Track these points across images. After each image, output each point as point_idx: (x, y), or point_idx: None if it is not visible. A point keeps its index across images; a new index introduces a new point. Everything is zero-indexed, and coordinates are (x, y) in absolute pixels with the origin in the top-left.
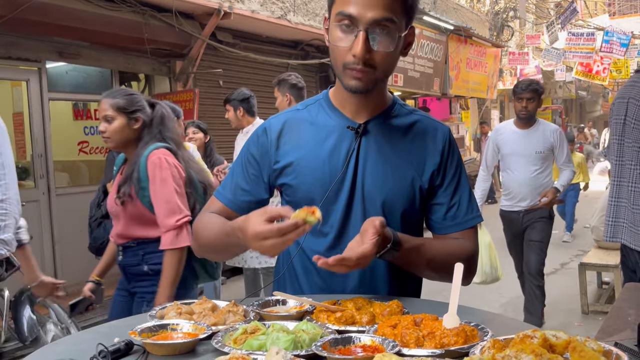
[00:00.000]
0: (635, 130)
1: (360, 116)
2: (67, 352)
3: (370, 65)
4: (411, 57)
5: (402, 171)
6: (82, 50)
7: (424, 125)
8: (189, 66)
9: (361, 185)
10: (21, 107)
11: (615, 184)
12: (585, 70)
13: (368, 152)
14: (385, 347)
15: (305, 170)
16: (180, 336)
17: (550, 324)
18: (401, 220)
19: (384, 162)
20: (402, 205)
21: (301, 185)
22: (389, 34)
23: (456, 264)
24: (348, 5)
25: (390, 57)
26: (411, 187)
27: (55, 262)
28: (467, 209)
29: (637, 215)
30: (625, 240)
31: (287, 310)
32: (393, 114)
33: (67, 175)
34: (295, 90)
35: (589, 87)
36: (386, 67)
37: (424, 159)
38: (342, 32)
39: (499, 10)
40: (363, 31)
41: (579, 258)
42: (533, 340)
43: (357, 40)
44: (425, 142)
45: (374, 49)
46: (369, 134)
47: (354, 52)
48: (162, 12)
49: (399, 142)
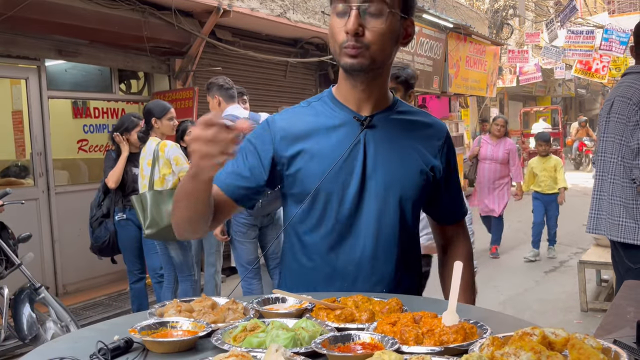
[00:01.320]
0: (619, 124)
1: (364, 110)
2: (66, 350)
3: (362, 43)
4: (410, 55)
5: (411, 162)
6: (82, 49)
7: (426, 121)
8: (188, 64)
9: (373, 179)
10: (20, 105)
11: (598, 178)
12: (585, 68)
13: (376, 143)
14: (385, 344)
15: (311, 162)
16: (180, 334)
17: (549, 321)
18: (413, 212)
19: (393, 154)
20: (414, 195)
21: (307, 176)
22: (380, 12)
23: (455, 262)
24: None
25: (384, 36)
26: (420, 177)
27: (54, 261)
28: (462, 202)
29: (615, 206)
30: (605, 232)
31: (286, 307)
32: (396, 109)
33: (66, 173)
34: (224, 90)
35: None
36: (380, 46)
37: (427, 152)
38: (338, 18)
39: (499, 8)
40: (355, 9)
41: (578, 256)
42: (532, 338)
43: (349, 18)
44: (428, 137)
45: (365, 25)
46: (375, 127)
47: (346, 29)
48: (161, 10)
49: (404, 135)
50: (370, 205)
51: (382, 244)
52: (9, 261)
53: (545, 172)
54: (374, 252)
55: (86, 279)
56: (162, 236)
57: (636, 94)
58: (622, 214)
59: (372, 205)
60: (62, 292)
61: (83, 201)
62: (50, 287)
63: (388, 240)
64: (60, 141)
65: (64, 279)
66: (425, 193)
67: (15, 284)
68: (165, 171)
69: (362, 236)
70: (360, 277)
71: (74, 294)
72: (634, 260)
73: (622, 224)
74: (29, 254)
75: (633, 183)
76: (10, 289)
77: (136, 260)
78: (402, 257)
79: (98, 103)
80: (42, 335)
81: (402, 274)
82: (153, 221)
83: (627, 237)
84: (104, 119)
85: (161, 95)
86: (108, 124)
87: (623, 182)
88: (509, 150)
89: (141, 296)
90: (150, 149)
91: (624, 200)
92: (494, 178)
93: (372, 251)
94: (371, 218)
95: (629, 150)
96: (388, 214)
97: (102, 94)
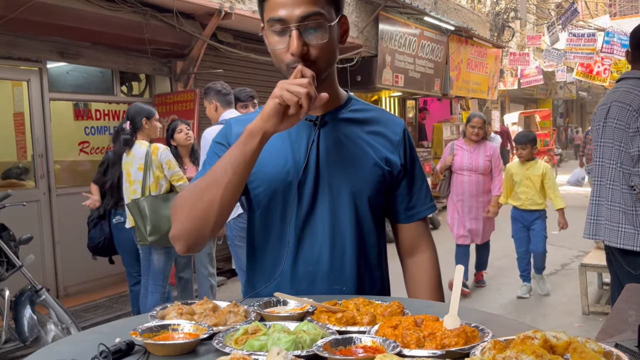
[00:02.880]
0: (617, 130)
1: (316, 110)
2: (68, 352)
3: (309, 60)
4: (412, 58)
5: (363, 157)
6: (83, 51)
7: (381, 118)
8: (189, 66)
9: (326, 176)
10: (22, 107)
11: (596, 184)
12: (586, 71)
13: (328, 142)
14: (386, 347)
15: (266, 164)
16: (182, 336)
17: (550, 325)
18: (369, 207)
19: (346, 151)
20: (369, 191)
21: (263, 178)
22: (320, 26)
23: (457, 266)
24: (276, 10)
25: (328, 48)
26: (374, 171)
27: (55, 262)
28: (425, 199)
29: (614, 212)
30: (603, 238)
31: (288, 310)
32: (349, 108)
33: (67, 175)
34: (221, 96)
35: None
36: (326, 57)
37: (381, 147)
38: (277, 36)
39: (500, 10)
40: (295, 29)
41: (580, 259)
42: (534, 341)
43: (292, 39)
44: (383, 133)
45: (308, 43)
46: (327, 126)
47: (291, 51)
48: (162, 13)
49: (357, 132)
50: (324, 203)
51: (339, 241)
52: (10, 263)
53: (529, 182)
54: (331, 250)
55: (87, 281)
56: (166, 241)
57: (636, 100)
58: (622, 220)
59: (325, 203)
60: (62, 294)
61: None
62: (51, 289)
63: (344, 237)
64: (61, 143)
65: (64, 281)
66: (382, 188)
67: (16, 285)
68: (159, 174)
69: (319, 234)
70: (319, 275)
71: (74, 296)
72: (634, 267)
73: (622, 230)
74: (30, 255)
75: (632, 190)
76: (11, 290)
77: (135, 262)
78: (361, 254)
79: (99, 105)
80: (43, 337)
81: (362, 271)
82: (155, 228)
83: (626, 244)
84: (105, 121)
85: (162, 97)
86: (109, 126)
87: (622, 188)
88: (491, 157)
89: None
90: (140, 153)
91: (623, 206)
92: (476, 193)
93: (329, 249)
94: (326, 216)
95: (629, 157)
96: (342, 210)
97: (104, 96)
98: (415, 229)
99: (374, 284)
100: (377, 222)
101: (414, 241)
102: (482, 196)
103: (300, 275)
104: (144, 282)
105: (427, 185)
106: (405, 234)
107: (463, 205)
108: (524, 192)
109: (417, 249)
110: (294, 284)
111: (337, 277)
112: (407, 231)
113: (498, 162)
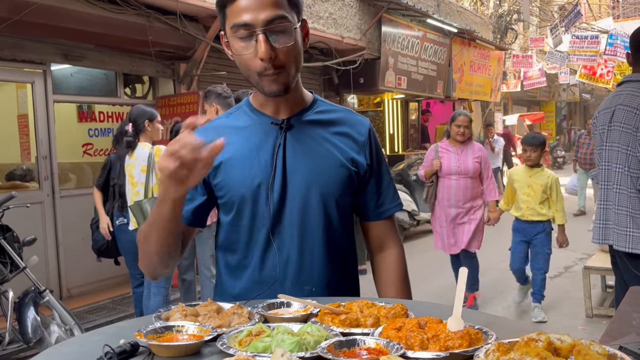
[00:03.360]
0: (625, 134)
1: (282, 114)
2: (73, 353)
3: (279, 65)
4: (415, 60)
5: (330, 158)
6: (87, 53)
7: (347, 119)
8: (193, 68)
9: (294, 179)
10: (26, 109)
11: (604, 188)
12: (589, 73)
13: (294, 145)
14: (390, 349)
15: (233, 169)
16: (186, 338)
17: (553, 327)
18: (337, 207)
19: (312, 153)
20: (336, 192)
21: (231, 184)
22: (286, 29)
23: (461, 268)
24: (240, 15)
25: (294, 51)
26: (341, 171)
27: (59, 264)
28: (393, 197)
29: (622, 216)
30: (612, 242)
31: (291, 312)
32: (315, 109)
33: (71, 177)
34: (222, 99)
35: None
36: (294, 61)
37: (347, 147)
38: (243, 42)
39: (503, 13)
40: (261, 33)
41: (583, 261)
42: (538, 344)
43: (259, 43)
44: (349, 134)
45: (276, 46)
46: (293, 128)
47: (260, 56)
48: (166, 15)
49: (323, 133)
50: (293, 206)
51: (308, 242)
52: (14, 264)
53: (530, 190)
54: (300, 252)
55: (90, 282)
56: None
57: None
58: (629, 223)
59: (294, 205)
60: (66, 296)
61: (87, 205)
62: (54, 290)
63: (313, 239)
64: (65, 145)
65: (68, 282)
66: (349, 188)
67: (20, 287)
68: None
69: (287, 237)
70: (288, 277)
71: (78, 297)
72: None
73: (630, 234)
74: (34, 257)
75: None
76: (15, 292)
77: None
78: (330, 256)
79: (103, 107)
80: (46, 338)
81: (331, 273)
82: None
83: (634, 247)
84: (108, 123)
85: (166, 99)
86: (113, 127)
87: (630, 192)
88: (480, 158)
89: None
90: (143, 155)
91: (631, 210)
92: (464, 199)
93: (297, 251)
94: (294, 218)
95: (636, 161)
96: (311, 212)
97: (107, 98)
98: (383, 226)
99: (344, 283)
100: (345, 221)
101: (383, 238)
102: (470, 202)
103: (269, 276)
104: (146, 284)
105: (394, 183)
106: (374, 232)
107: (450, 212)
108: (524, 202)
109: (385, 246)
110: (263, 285)
111: (306, 277)
112: (376, 229)
113: (488, 163)
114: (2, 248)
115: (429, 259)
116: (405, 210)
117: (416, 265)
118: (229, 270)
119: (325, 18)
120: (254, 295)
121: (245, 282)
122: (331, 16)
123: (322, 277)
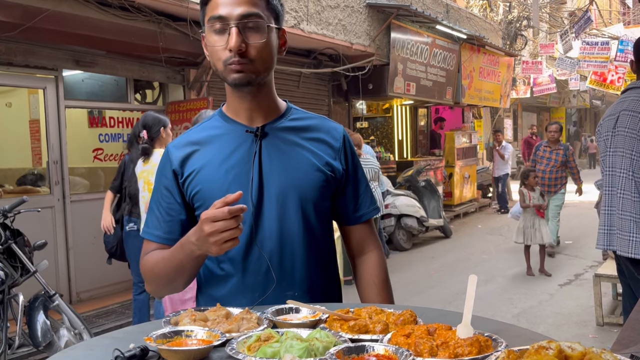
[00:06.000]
0: (629, 139)
1: (256, 122)
2: (83, 357)
3: (247, 57)
4: (424, 66)
5: (306, 164)
6: (98, 59)
7: (321, 125)
8: (202, 74)
9: (271, 186)
10: (38, 114)
11: (608, 194)
12: (600, 80)
13: (270, 152)
14: (399, 356)
15: (209, 178)
16: (195, 343)
17: (564, 335)
18: (316, 212)
19: (288, 159)
20: (314, 197)
21: (207, 193)
22: (259, 26)
23: (470, 276)
24: (217, 9)
25: (266, 49)
26: (317, 176)
27: (69, 268)
28: (370, 201)
29: (625, 221)
30: (616, 247)
31: (300, 318)
32: (289, 117)
33: (82, 182)
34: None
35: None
36: (263, 59)
37: (323, 153)
38: (217, 35)
39: (512, 19)
40: (234, 27)
41: (594, 269)
42: (548, 352)
43: (231, 36)
44: (324, 139)
45: (247, 41)
46: (268, 136)
47: (229, 47)
48: (176, 21)
49: (297, 140)
50: (271, 213)
51: (288, 249)
52: (25, 268)
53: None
54: (280, 259)
55: (100, 287)
56: None
57: None
58: (633, 229)
59: (272, 212)
60: (75, 300)
61: (98, 209)
62: (64, 294)
63: (292, 245)
64: (76, 150)
65: (77, 287)
66: (327, 192)
67: (30, 291)
68: None
69: (267, 244)
70: (269, 284)
71: (87, 301)
72: None
73: (633, 240)
74: (44, 261)
75: None
76: (25, 296)
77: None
78: (311, 261)
79: (113, 112)
80: (56, 342)
81: (313, 277)
82: None
83: (637, 253)
84: (119, 129)
85: (176, 105)
86: (123, 133)
87: (633, 197)
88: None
89: (143, 309)
90: None
91: (635, 215)
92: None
93: (278, 258)
94: (273, 225)
95: None
96: (289, 218)
97: (118, 104)
98: (362, 230)
99: (327, 288)
100: (325, 226)
101: (362, 242)
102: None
103: (250, 285)
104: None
105: (370, 188)
106: (354, 236)
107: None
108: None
109: (365, 249)
110: (245, 294)
111: (288, 284)
112: (356, 233)
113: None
114: (13, 252)
115: (437, 266)
116: (414, 216)
117: (425, 271)
118: (212, 277)
119: (335, 24)
120: (235, 304)
121: (228, 289)
122: (340, 22)
123: (304, 282)
